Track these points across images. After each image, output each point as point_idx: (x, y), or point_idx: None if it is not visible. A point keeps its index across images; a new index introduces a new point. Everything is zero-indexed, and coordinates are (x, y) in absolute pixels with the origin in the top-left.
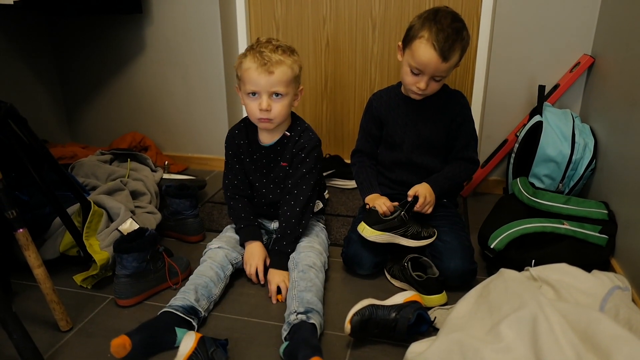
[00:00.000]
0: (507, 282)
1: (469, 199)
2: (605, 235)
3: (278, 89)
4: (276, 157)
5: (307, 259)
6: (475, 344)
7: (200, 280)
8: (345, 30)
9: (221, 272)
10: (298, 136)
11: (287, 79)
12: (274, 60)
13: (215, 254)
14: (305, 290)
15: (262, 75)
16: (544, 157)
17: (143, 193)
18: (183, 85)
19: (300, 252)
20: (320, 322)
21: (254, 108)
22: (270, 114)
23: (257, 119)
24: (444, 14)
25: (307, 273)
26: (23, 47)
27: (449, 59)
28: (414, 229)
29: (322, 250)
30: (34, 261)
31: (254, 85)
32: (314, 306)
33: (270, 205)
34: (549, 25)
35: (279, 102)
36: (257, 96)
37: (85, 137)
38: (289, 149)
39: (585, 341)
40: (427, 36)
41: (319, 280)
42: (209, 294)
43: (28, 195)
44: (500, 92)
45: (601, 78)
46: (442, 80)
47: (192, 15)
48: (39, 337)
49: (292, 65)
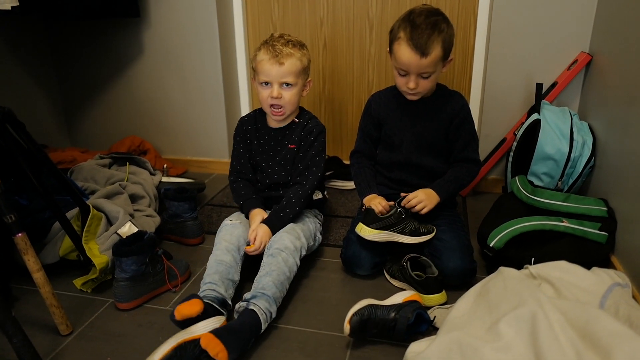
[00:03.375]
0: (506, 280)
1: (468, 198)
2: (605, 232)
3: (288, 79)
4: (284, 139)
5: (280, 241)
6: (475, 342)
7: (222, 268)
8: (342, 31)
9: (237, 255)
10: (306, 122)
11: (297, 70)
12: (285, 53)
13: (231, 234)
14: (265, 275)
15: (274, 67)
16: (543, 155)
17: (142, 196)
18: (181, 89)
19: (276, 235)
20: (266, 307)
21: (265, 96)
22: (280, 101)
23: (269, 106)
24: (418, 12)
25: (275, 257)
26: (21, 51)
27: (428, 54)
28: (412, 225)
29: (300, 234)
30: (33, 265)
31: (266, 76)
32: (265, 290)
33: (273, 187)
34: (546, 23)
35: (288, 90)
36: (269, 85)
37: (84, 141)
38: (297, 133)
39: (584, 338)
40: (403, 36)
41: (286, 265)
42: (232, 282)
43: (27, 200)
44: (498, 91)
45: (599, 75)
46: (432, 76)
47: (190, 18)
48: (39, 341)
49: (301, 57)
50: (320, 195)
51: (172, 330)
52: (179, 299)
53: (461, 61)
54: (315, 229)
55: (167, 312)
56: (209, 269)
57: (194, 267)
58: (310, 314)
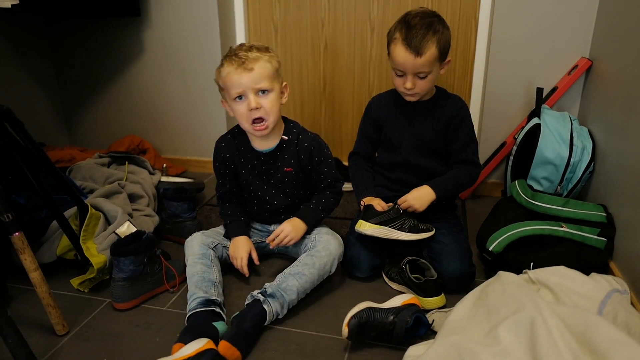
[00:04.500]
0: (505, 285)
1: (468, 201)
2: (604, 237)
3: (262, 84)
4: (277, 162)
5: (326, 244)
6: (473, 347)
7: (195, 279)
8: (343, 33)
9: (206, 260)
10: (297, 139)
11: (269, 73)
12: (251, 58)
13: (191, 248)
14: (294, 275)
15: (244, 74)
16: (542, 159)
17: (141, 196)
18: (181, 88)
19: (322, 233)
20: (277, 310)
21: (243, 111)
22: (261, 111)
23: (250, 123)
24: (413, 14)
25: (313, 259)
26: (21, 50)
27: (423, 53)
28: (411, 222)
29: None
30: (29, 265)
31: (238, 87)
32: (286, 294)
33: (273, 212)
34: (547, 28)
35: (266, 98)
36: (243, 99)
37: (83, 140)
38: (291, 153)
39: (583, 344)
40: (398, 36)
41: (320, 272)
42: (211, 282)
43: (25, 199)
44: (498, 95)
45: (599, 81)
46: (429, 76)
47: (191, 18)
48: (35, 341)
49: (269, 60)
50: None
51: (169, 330)
52: (176, 300)
53: (462, 66)
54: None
55: (165, 312)
56: (189, 286)
57: None
58: (309, 316)
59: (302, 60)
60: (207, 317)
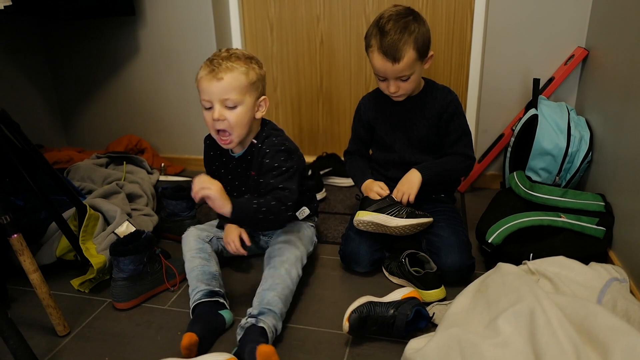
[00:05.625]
0: (504, 276)
1: (466, 194)
2: (603, 227)
3: (229, 96)
4: (247, 167)
5: (280, 255)
6: (473, 338)
7: (195, 272)
8: (339, 28)
9: (203, 254)
10: (262, 143)
11: (240, 86)
12: (224, 67)
13: (188, 244)
14: (269, 289)
15: (212, 83)
16: (540, 150)
17: (139, 195)
18: (178, 87)
19: (274, 246)
20: (274, 324)
21: (208, 120)
22: (223, 124)
23: (214, 132)
24: (387, 17)
25: (277, 270)
26: (16, 51)
27: (401, 59)
28: (407, 209)
29: (298, 243)
30: (29, 266)
31: (206, 94)
32: (272, 306)
33: None
34: (543, 18)
35: (232, 111)
36: (210, 107)
37: (81, 141)
38: (256, 158)
39: (582, 333)
40: (374, 44)
41: (289, 277)
42: (211, 274)
43: (23, 201)
44: (495, 87)
45: (595, 70)
46: (412, 77)
47: (185, 16)
48: (36, 342)
49: (246, 71)
50: (308, 212)
51: (170, 329)
52: (177, 298)
53: (458, 57)
54: (312, 233)
55: (166, 311)
56: (189, 280)
57: None
58: (309, 311)
59: (298, 57)
60: (213, 306)
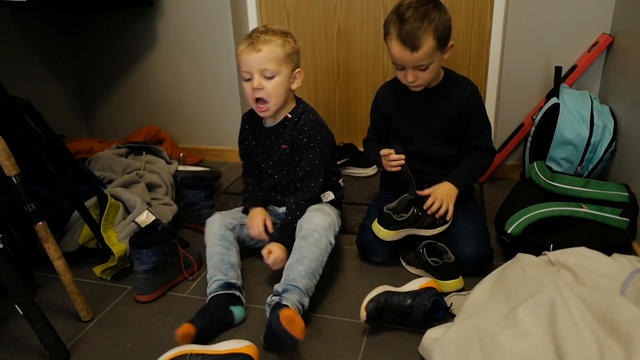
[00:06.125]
0: (524, 266)
1: (486, 184)
2: (626, 218)
3: (268, 66)
4: (278, 139)
5: (309, 221)
6: (492, 328)
7: (214, 260)
8: (356, 16)
9: (225, 242)
10: (297, 117)
11: (277, 56)
12: (262, 39)
13: (211, 229)
14: (296, 262)
15: (251, 54)
16: (562, 140)
17: (159, 185)
18: (196, 78)
19: (304, 215)
20: (298, 300)
21: (249, 90)
22: (262, 92)
23: (254, 101)
24: (407, 4)
25: (307, 239)
26: (38, 43)
27: (419, 48)
28: (429, 219)
29: (330, 211)
30: (53, 253)
31: (245, 66)
32: (297, 282)
33: (275, 188)
34: (566, 4)
35: (271, 81)
36: (250, 78)
37: (101, 132)
38: (289, 131)
39: (604, 325)
40: (393, 32)
41: (318, 248)
42: (230, 264)
43: (47, 190)
44: (515, 75)
45: (621, 57)
46: (431, 67)
47: (203, 6)
48: (61, 327)
49: (282, 44)
50: (332, 197)
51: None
52: (196, 286)
53: (477, 46)
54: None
55: (185, 299)
56: (208, 267)
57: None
58: (327, 300)
59: (315, 46)
60: (226, 301)
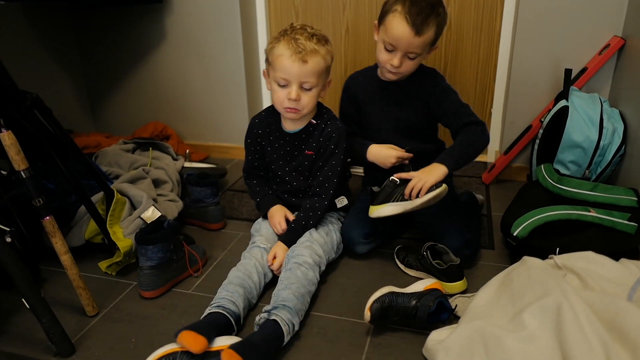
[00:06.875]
0: (530, 270)
1: (492, 186)
2: (635, 222)
3: (309, 79)
4: (301, 144)
5: (298, 256)
6: (498, 332)
7: (247, 284)
8: (365, 15)
9: (262, 278)
10: (325, 124)
11: (320, 70)
12: (309, 49)
13: (262, 257)
14: (284, 289)
15: (296, 64)
16: (570, 142)
17: (165, 181)
18: (203, 75)
19: (295, 248)
20: (288, 318)
21: (282, 96)
22: (298, 104)
23: (283, 107)
24: None
25: (294, 271)
26: (48, 39)
27: (423, 33)
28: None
29: (320, 250)
30: (60, 248)
31: (286, 74)
32: (286, 302)
33: (291, 193)
34: (577, 5)
35: (308, 93)
36: (286, 85)
37: (108, 127)
38: (315, 137)
39: (612, 331)
40: (400, 9)
41: (306, 278)
42: (250, 302)
43: (54, 184)
44: (524, 77)
45: (632, 60)
46: (417, 59)
47: (212, 4)
48: (67, 321)
49: (325, 55)
50: (346, 202)
51: (194, 313)
52: (201, 283)
53: (487, 46)
54: (338, 239)
55: (190, 295)
56: (234, 279)
57: (216, 251)
58: (331, 300)
59: None
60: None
